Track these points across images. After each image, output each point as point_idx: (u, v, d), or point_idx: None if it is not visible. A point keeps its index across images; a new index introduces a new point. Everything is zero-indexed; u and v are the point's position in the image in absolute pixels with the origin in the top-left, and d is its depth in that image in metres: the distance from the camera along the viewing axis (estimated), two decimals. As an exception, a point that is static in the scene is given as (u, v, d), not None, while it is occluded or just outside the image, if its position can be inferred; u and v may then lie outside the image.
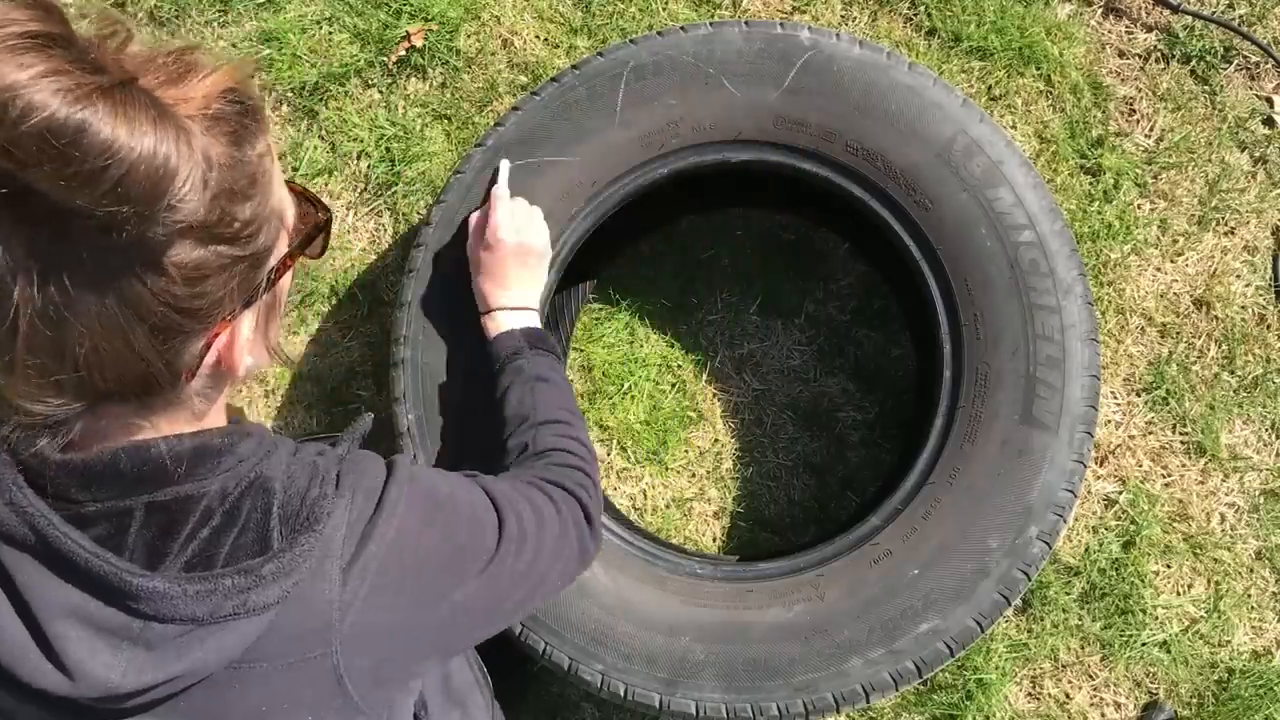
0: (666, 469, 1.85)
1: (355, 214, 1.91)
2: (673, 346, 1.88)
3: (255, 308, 0.73)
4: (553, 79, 1.53)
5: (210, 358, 0.71)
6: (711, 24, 1.52)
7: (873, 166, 1.47)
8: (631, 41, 1.53)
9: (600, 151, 1.50)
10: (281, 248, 0.74)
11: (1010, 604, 1.40)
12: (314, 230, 0.79)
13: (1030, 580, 1.40)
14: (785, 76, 1.48)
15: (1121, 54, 1.90)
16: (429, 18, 1.90)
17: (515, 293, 1.35)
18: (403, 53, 1.90)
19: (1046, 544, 1.40)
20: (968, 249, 1.45)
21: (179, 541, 0.70)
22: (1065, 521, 1.42)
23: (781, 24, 1.51)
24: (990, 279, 1.44)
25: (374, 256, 1.90)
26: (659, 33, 1.52)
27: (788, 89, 1.48)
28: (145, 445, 0.69)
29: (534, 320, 1.34)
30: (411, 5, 1.90)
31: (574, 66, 1.52)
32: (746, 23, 1.51)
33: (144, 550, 0.70)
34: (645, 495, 1.84)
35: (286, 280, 0.77)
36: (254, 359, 0.76)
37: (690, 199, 1.80)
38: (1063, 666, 1.77)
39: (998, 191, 1.45)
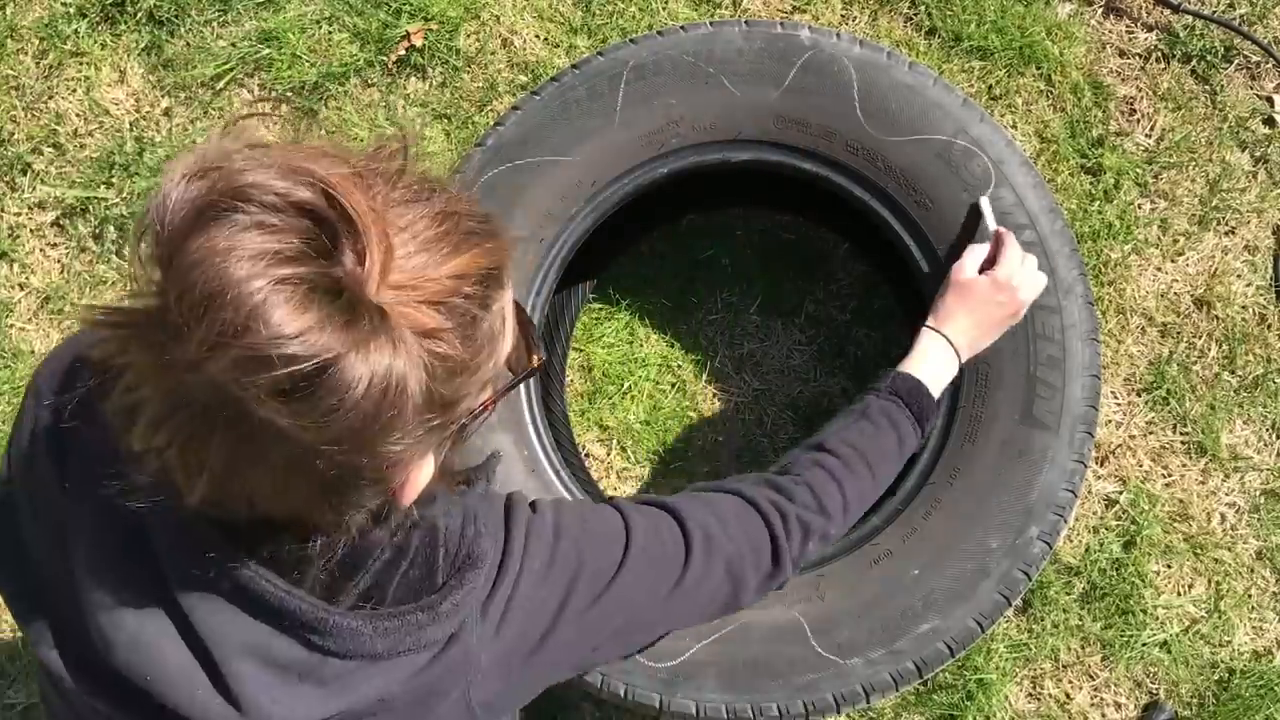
0: (667, 469, 1.85)
1: (355, 214, 1.90)
2: (673, 346, 1.88)
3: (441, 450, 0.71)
4: (553, 79, 1.52)
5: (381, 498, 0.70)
6: (711, 23, 1.52)
7: (873, 166, 1.47)
8: (631, 41, 1.52)
9: (600, 151, 1.50)
10: (485, 395, 0.69)
11: (1010, 604, 1.40)
12: (522, 376, 0.77)
13: (1030, 580, 1.40)
14: (785, 76, 1.48)
15: (1122, 53, 1.90)
16: (429, 17, 1.90)
17: (969, 338, 1.27)
18: (402, 52, 1.90)
19: (1047, 544, 1.40)
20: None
21: (355, 579, 0.71)
22: (1065, 521, 1.41)
23: (781, 23, 1.51)
24: (990, 279, 1.44)
25: (374, 256, 1.89)
26: (659, 32, 1.52)
27: (788, 88, 1.48)
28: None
29: (950, 369, 1.25)
30: (411, 5, 1.90)
31: (574, 66, 1.52)
32: (746, 22, 1.51)
33: (322, 586, 0.71)
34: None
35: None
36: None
37: (690, 199, 1.80)
38: (1063, 667, 1.77)
39: (998, 191, 1.44)
